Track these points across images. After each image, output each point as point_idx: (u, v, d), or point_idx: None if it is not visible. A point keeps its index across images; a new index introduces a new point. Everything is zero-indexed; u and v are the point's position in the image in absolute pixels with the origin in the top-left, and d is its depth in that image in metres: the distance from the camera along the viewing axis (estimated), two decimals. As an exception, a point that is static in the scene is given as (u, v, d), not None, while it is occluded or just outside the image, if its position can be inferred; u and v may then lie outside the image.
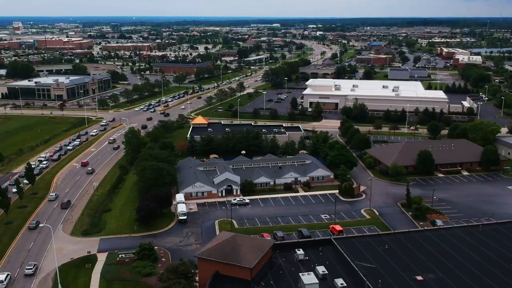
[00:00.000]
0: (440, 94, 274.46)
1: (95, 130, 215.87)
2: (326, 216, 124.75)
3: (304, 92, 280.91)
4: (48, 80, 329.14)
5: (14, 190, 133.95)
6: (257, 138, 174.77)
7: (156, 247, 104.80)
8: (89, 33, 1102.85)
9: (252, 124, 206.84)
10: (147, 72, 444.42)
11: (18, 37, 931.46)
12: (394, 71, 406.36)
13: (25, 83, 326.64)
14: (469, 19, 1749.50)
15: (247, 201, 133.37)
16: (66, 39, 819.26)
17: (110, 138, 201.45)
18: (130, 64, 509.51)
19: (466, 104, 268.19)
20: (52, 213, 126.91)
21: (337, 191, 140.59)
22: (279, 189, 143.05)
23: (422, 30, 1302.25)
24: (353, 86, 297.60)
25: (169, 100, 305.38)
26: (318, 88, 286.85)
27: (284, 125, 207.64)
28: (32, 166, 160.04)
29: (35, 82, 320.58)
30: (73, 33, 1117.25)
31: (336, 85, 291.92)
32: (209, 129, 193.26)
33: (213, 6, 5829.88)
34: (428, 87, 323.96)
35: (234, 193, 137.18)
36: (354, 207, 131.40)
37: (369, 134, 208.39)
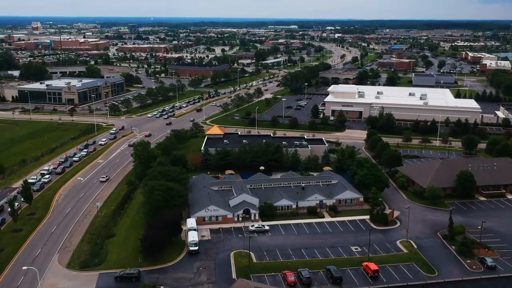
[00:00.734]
0: (472, 103, 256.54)
1: (104, 139, 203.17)
2: (357, 249, 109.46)
3: (326, 100, 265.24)
4: (60, 83, 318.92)
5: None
6: (277, 152, 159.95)
7: None
8: (106, 34, 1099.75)
9: (271, 135, 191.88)
10: (162, 75, 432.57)
11: (36, 37, 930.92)
12: (418, 76, 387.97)
13: (36, 86, 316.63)
14: (491, 22, 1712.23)
15: (267, 227, 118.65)
16: (82, 40, 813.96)
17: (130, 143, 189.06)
18: (145, 66, 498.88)
19: (500, 114, 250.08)
20: (48, 239, 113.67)
21: (367, 217, 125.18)
22: (302, 213, 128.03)
23: (443, 33, 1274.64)
24: (378, 93, 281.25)
25: (183, 105, 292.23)
26: (341, 95, 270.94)
27: (305, 136, 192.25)
28: (33, 181, 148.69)
29: (47, 85, 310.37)
30: (91, 33, 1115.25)
31: (359, 92, 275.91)
32: (225, 140, 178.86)
33: (230, 6, 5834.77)
34: (457, 94, 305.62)
35: (252, 218, 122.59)
36: (388, 237, 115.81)
37: (398, 147, 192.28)
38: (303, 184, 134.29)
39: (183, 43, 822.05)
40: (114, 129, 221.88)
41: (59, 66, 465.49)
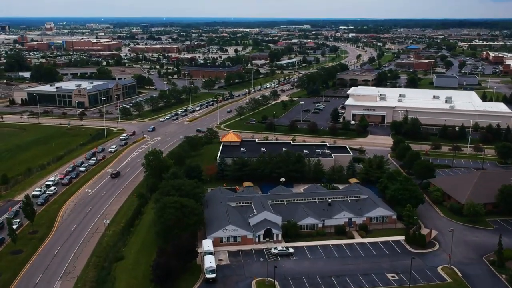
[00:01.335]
0: (501, 107, 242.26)
1: (114, 146, 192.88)
2: (393, 277, 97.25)
3: (346, 103, 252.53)
4: (70, 85, 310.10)
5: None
6: (298, 162, 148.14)
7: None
8: (118, 34, 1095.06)
9: (291, 142, 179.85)
10: (175, 76, 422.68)
11: (49, 38, 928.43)
12: (440, 78, 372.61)
13: (46, 88, 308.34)
14: (505, 20, 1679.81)
15: (291, 250, 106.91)
16: (94, 40, 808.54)
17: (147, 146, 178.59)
18: (157, 67, 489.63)
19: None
20: (51, 263, 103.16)
21: (402, 237, 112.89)
22: (329, 232, 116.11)
23: (459, 32, 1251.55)
24: (400, 95, 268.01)
25: (197, 108, 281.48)
26: (361, 98, 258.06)
27: (328, 144, 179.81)
28: (37, 193, 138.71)
29: (57, 88, 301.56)
30: (103, 33, 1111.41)
31: (381, 95, 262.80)
32: (242, 148, 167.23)
33: (242, 6, 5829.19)
34: (483, 97, 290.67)
35: (275, 239, 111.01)
36: (427, 262, 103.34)
37: (427, 155, 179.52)
38: (329, 200, 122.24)
39: (195, 43, 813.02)
40: (124, 134, 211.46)
41: (70, 68, 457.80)
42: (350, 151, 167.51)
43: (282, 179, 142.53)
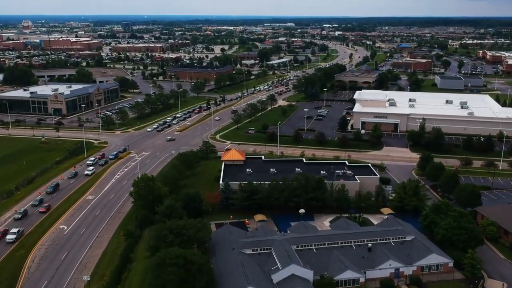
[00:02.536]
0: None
1: (91, 168, 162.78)
2: None
3: (354, 110, 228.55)
4: (46, 89, 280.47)
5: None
6: (318, 188, 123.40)
7: None
8: (99, 33, 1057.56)
9: (304, 160, 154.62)
10: (160, 78, 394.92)
11: (26, 36, 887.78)
12: (445, 79, 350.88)
13: (18, 93, 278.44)
14: (487, 19, 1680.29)
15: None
16: (74, 39, 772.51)
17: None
18: (141, 67, 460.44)
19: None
20: None
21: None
22: None
23: (445, 30, 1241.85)
24: (410, 100, 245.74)
25: (187, 115, 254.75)
26: (369, 103, 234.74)
27: (346, 161, 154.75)
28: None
29: (31, 93, 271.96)
30: (83, 32, 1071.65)
31: (390, 100, 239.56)
32: (247, 169, 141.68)
33: (224, 4, 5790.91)
34: (496, 101, 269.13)
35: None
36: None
37: (457, 172, 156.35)
38: (369, 244, 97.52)
39: (179, 42, 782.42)
40: (92, 158, 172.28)
41: (48, 69, 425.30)
42: (375, 171, 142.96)
43: (302, 211, 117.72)
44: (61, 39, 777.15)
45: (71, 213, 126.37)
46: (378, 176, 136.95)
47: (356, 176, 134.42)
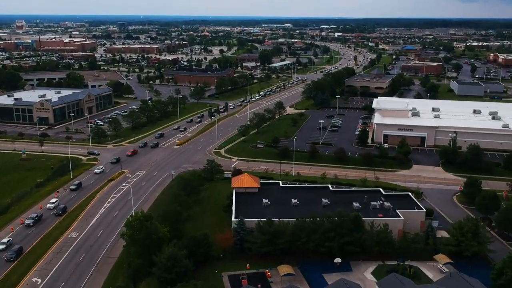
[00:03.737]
0: None
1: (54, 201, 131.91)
2: None
3: (375, 121, 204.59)
4: (33, 95, 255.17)
5: None
6: (356, 229, 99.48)
7: None
8: (94, 33, 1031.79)
9: (330, 187, 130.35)
10: (157, 82, 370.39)
11: (18, 36, 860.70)
12: (463, 85, 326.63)
13: (2, 99, 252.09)
14: (484, 20, 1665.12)
15: None
16: (67, 40, 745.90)
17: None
18: (137, 70, 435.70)
19: None
20: None
21: None
22: None
23: (446, 32, 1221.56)
24: (433, 110, 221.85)
25: (187, 126, 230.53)
26: (390, 113, 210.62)
27: (382, 190, 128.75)
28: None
29: (15, 99, 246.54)
30: (78, 32, 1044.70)
31: (412, 110, 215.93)
32: (263, 199, 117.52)
33: (221, 4, 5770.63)
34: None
35: None
36: None
37: (506, 199, 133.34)
38: (439, 318, 73.90)
39: (176, 43, 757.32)
40: (76, 182, 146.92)
41: (37, 72, 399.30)
42: (418, 202, 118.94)
43: (338, 260, 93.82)
44: (54, 39, 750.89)
45: (48, 259, 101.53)
46: (424, 210, 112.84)
47: (397, 211, 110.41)
